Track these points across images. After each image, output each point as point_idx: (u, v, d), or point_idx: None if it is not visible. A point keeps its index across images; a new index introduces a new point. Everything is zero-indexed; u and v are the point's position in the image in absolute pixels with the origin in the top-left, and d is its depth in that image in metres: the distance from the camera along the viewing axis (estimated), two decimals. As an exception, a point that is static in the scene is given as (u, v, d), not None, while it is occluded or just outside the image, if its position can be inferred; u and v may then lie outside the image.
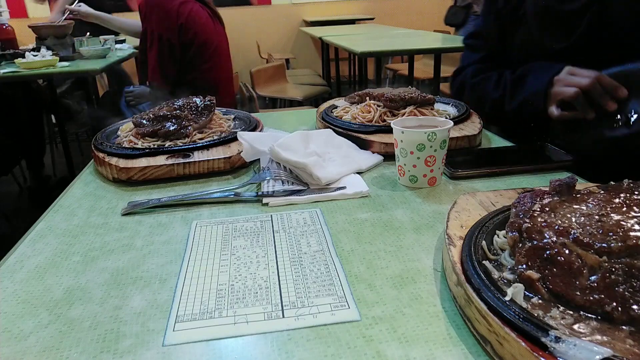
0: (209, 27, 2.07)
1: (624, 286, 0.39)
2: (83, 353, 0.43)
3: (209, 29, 2.06)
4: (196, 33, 1.99)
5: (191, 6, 1.99)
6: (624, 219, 0.44)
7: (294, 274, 0.53)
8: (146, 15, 1.99)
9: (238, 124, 1.05)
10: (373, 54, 2.70)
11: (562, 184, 0.52)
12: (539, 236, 0.45)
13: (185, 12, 1.95)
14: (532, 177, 0.78)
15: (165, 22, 1.95)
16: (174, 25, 1.94)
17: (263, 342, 0.43)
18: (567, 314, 0.40)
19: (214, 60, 2.10)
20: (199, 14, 2.02)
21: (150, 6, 1.97)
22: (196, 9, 2.01)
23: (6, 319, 0.48)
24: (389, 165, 0.85)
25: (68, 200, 0.76)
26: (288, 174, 0.78)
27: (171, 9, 1.94)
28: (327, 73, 4.96)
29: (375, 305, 0.47)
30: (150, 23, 1.98)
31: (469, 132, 0.90)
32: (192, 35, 1.99)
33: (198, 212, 0.70)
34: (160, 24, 1.95)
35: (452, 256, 0.49)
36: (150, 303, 0.49)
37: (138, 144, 0.90)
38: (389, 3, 6.24)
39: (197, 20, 2.00)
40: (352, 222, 0.65)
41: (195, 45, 2.01)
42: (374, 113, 0.97)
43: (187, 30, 1.96)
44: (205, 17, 2.06)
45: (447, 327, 0.44)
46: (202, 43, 2.02)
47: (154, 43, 1.97)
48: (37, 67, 2.34)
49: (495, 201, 0.62)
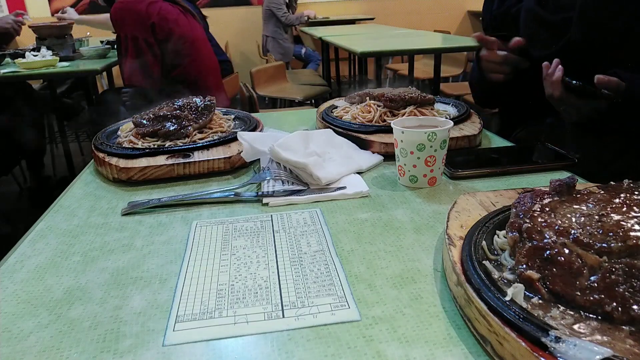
0: (182, 21, 2.08)
1: (624, 286, 0.39)
2: (83, 353, 0.43)
3: (182, 23, 2.07)
4: (171, 29, 2.01)
5: (160, 5, 2.01)
6: (624, 219, 0.44)
7: (294, 274, 0.53)
8: (117, 22, 2.01)
9: (238, 124, 1.05)
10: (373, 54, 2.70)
11: (562, 184, 0.52)
12: (539, 236, 0.45)
13: (154, 11, 1.97)
14: (532, 177, 0.78)
15: (138, 23, 1.96)
16: (147, 25, 1.96)
17: (263, 342, 0.43)
18: (567, 314, 0.40)
19: (194, 53, 2.11)
20: (169, 11, 2.03)
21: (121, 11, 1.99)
22: (165, 7, 2.03)
23: (6, 319, 0.48)
24: (389, 165, 0.85)
25: (68, 201, 0.76)
26: (288, 174, 0.78)
27: (140, 10, 1.96)
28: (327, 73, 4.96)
29: (376, 305, 0.47)
30: (123, 28, 2.00)
31: (469, 132, 0.90)
32: (167, 31, 2.00)
33: (198, 212, 0.70)
34: (134, 26, 1.97)
35: (452, 256, 0.49)
36: (151, 303, 0.49)
37: (138, 144, 0.90)
38: (389, 3, 6.24)
39: (168, 17, 2.01)
40: (352, 222, 0.65)
41: (172, 41, 2.02)
42: (374, 113, 0.97)
43: (160, 27, 1.98)
44: (177, 13, 2.08)
45: (447, 327, 0.44)
46: (179, 38, 2.03)
47: (129, 47, 1.98)
48: (37, 67, 2.34)
49: (496, 201, 0.62)
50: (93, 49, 2.69)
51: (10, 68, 2.38)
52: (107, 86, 3.75)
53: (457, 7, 6.29)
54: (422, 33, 3.70)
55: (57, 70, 2.37)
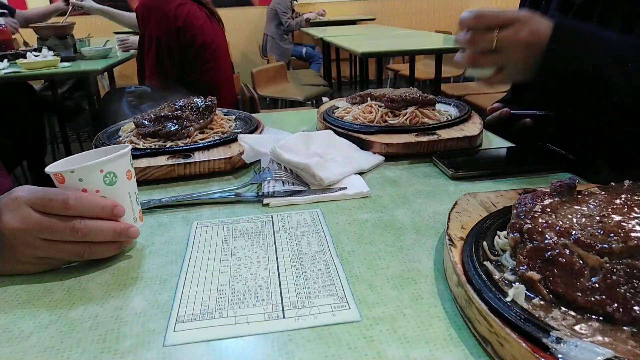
0: (207, 27, 2.06)
1: (625, 287, 0.39)
2: (84, 353, 0.43)
3: (207, 30, 2.05)
4: (194, 35, 1.99)
5: (189, 8, 1.98)
6: (625, 219, 0.44)
7: (294, 274, 0.53)
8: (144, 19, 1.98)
9: (239, 124, 1.05)
10: (374, 55, 2.71)
11: (563, 184, 0.52)
12: (540, 237, 0.45)
13: (182, 14, 1.94)
14: (533, 177, 0.78)
15: (163, 25, 1.93)
16: (172, 29, 1.93)
17: (264, 342, 0.43)
18: (568, 315, 0.39)
19: (214, 60, 2.10)
20: (197, 15, 2.01)
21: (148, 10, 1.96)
22: (194, 11, 2.00)
23: (7, 319, 0.48)
24: (390, 165, 0.85)
25: (69, 201, 0.76)
26: (289, 174, 0.78)
27: (168, 11, 1.93)
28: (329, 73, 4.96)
29: (376, 306, 0.47)
30: (148, 27, 1.97)
31: (470, 132, 0.90)
32: (191, 37, 1.98)
33: (199, 212, 0.70)
34: (158, 27, 1.94)
35: (453, 257, 0.49)
36: (151, 303, 0.49)
37: (139, 144, 0.90)
38: (390, 3, 6.24)
39: (195, 22, 1.99)
40: (353, 223, 0.65)
41: (195, 47, 2.00)
42: (375, 114, 0.97)
43: (185, 32, 1.96)
44: (204, 18, 2.06)
45: (448, 327, 0.44)
46: (201, 44, 2.02)
47: (152, 47, 1.96)
48: (39, 68, 2.35)
49: (496, 202, 0.62)
50: (94, 50, 2.70)
51: (11, 68, 2.38)
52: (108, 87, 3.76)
53: (458, 7, 6.29)
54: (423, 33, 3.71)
55: (58, 70, 2.37)
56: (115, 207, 0.56)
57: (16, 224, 0.51)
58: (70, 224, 0.52)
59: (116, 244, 0.57)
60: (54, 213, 0.52)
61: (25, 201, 0.52)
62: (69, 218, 0.53)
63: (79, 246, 0.54)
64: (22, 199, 0.52)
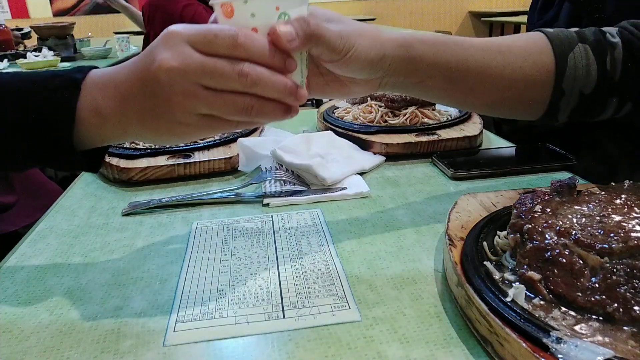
0: None
1: (625, 287, 0.39)
2: (84, 353, 0.43)
3: None
4: None
5: (195, 9, 1.97)
6: (625, 219, 0.44)
7: (294, 274, 0.53)
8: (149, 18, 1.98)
9: (239, 124, 1.05)
10: (374, 55, 2.70)
11: (563, 184, 0.52)
12: (540, 237, 0.45)
13: (188, 15, 1.93)
14: (533, 177, 0.78)
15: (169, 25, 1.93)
16: None
17: (264, 342, 0.43)
18: (568, 315, 0.39)
19: None
20: (203, 17, 2.00)
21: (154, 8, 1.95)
22: (200, 11, 1.98)
23: (7, 319, 0.48)
24: (390, 165, 0.85)
25: (69, 201, 0.76)
26: (289, 174, 0.78)
27: (175, 12, 1.92)
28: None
29: (376, 306, 0.47)
30: (153, 26, 1.96)
31: (470, 132, 0.90)
32: None
33: (199, 212, 0.70)
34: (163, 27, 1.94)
35: (453, 257, 0.49)
36: (151, 303, 0.49)
37: (139, 144, 0.90)
38: (391, 4, 6.24)
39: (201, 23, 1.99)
40: (353, 223, 0.65)
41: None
42: (375, 114, 0.97)
43: None
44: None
45: (448, 327, 0.44)
46: None
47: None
48: (39, 68, 2.35)
49: (496, 202, 0.62)
50: (94, 50, 2.70)
51: (11, 68, 2.38)
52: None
53: (458, 7, 6.30)
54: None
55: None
56: (287, 57, 0.45)
57: (174, 64, 0.42)
58: (238, 66, 0.42)
59: (284, 107, 0.46)
60: (219, 53, 0.43)
61: (184, 38, 0.43)
62: (236, 61, 0.43)
63: (247, 98, 0.44)
64: (181, 35, 0.43)
